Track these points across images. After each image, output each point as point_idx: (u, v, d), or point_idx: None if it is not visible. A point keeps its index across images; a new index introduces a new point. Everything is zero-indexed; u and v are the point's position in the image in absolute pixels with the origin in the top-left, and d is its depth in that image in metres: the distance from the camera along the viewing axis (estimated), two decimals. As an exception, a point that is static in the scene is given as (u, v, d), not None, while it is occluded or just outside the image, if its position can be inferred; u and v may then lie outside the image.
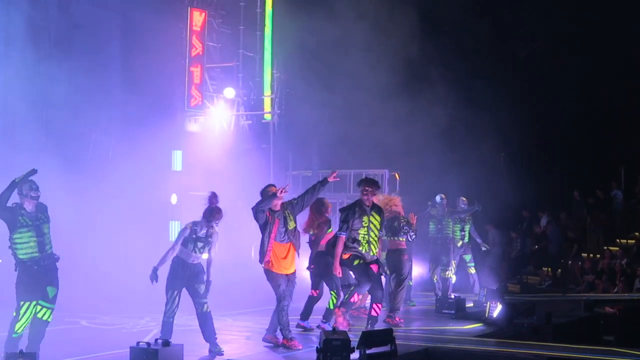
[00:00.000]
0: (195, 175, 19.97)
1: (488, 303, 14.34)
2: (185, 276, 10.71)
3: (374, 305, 12.02)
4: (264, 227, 11.09)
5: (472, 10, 25.12)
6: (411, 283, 16.16)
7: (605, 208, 24.41)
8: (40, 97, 19.14)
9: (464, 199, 17.50)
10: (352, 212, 11.86)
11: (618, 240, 23.64)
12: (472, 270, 17.74)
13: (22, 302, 9.77)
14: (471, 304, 15.53)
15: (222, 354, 10.50)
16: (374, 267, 11.88)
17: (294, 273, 11.36)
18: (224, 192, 12.93)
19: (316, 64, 22.37)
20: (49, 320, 9.95)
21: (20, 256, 9.78)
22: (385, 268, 13.51)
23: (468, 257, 17.58)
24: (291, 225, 11.24)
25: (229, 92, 22.53)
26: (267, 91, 23.44)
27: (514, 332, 13.24)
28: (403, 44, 22.18)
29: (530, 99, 26.27)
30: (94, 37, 19.61)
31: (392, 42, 21.95)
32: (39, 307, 9.86)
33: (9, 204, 9.81)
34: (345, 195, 21.99)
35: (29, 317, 9.79)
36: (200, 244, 10.74)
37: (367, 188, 11.97)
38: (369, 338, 10.25)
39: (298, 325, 12.68)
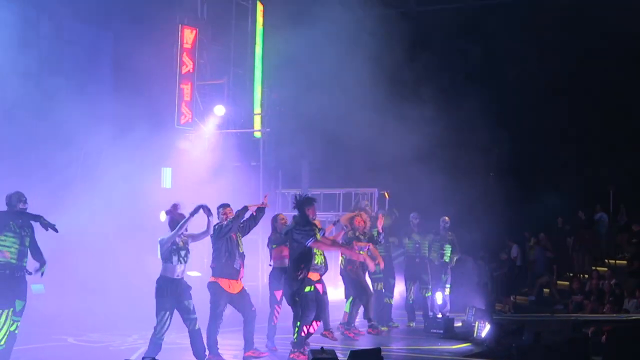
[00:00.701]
0: (184, 192, 19.88)
1: (476, 323, 14.35)
2: (173, 294, 10.69)
3: (313, 323, 12.00)
4: (227, 245, 11.59)
5: (463, 31, 25.22)
6: (391, 302, 16.16)
7: (589, 229, 24.42)
8: (30, 113, 19.12)
9: (447, 218, 17.47)
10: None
11: (607, 261, 23.68)
12: (447, 292, 17.68)
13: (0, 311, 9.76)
14: (460, 324, 15.52)
15: None
16: (319, 287, 12.15)
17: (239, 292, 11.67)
18: (214, 209, 12.91)
19: (306, 81, 22.39)
20: (17, 332, 9.97)
21: None
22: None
23: (445, 278, 17.50)
24: (241, 248, 11.83)
25: (219, 110, 22.52)
26: (257, 109, 23.45)
27: (503, 352, 13.23)
28: (394, 63, 22.25)
29: (519, 118, 26.33)
30: (85, 54, 19.61)
31: (383, 61, 22.00)
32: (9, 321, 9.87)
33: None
34: (335, 213, 21.96)
35: (8, 326, 9.76)
36: (182, 252, 10.85)
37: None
38: (357, 357, 10.21)
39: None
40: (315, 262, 12.11)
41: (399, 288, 17.01)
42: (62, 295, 13.17)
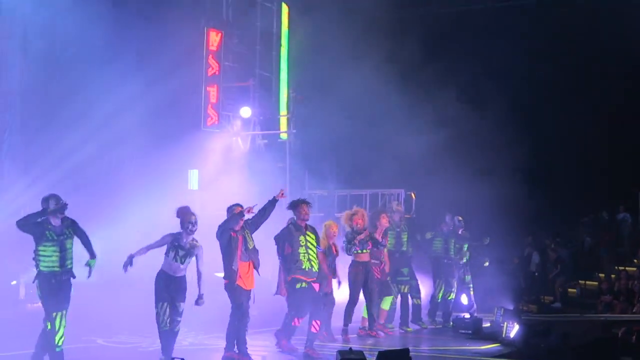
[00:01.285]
0: (211, 194, 19.98)
1: (505, 323, 14.28)
2: (170, 289, 10.86)
3: (313, 322, 12.22)
4: (227, 246, 11.38)
5: (488, 29, 25.11)
6: (419, 302, 16.11)
7: (612, 230, 24.22)
8: (57, 117, 19.29)
9: (460, 218, 17.32)
10: (288, 234, 12.27)
11: (635, 261, 23.48)
12: (471, 292, 17.57)
13: (54, 313, 9.99)
14: (488, 324, 15.45)
15: None
16: (316, 286, 12.28)
17: (252, 290, 11.69)
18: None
19: (332, 82, 22.41)
20: None
21: (42, 268, 10.10)
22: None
23: (468, 278, 17.41)
24: (250, 244, 11.65)
25: (245, 112, 22.57)
26: (283, 110, 23.48)
27: (531, 353, 13.16)
28: (418, 62, 22.21)
29: (547, 116, 26.18)
30: (112, 56, 19.72)
31: (408, 60, 21.97)
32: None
33: (38, 219, 10.18)
34: (362, 214, 21.92)
35: (64, 327, 9.93)
36: (181, 252, 10.93)
37: (310, 206, 12.62)
38: (385, 358, 10.19)
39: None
40: (303, 267, 12.14)
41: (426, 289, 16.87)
42: (91, 296, 13.23)
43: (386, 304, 14.92)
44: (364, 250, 14.18)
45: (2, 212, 17.85)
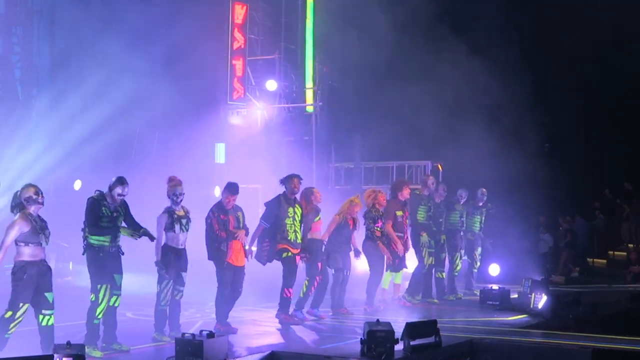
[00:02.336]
0: (238, 167, 20.05)
1: (533, 294, 14.23)
2: (176, 263, 11.05)
3: (286, 290, 12.47)
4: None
5: (518, 2, 24.85)
6: (443, 275, 16.11)
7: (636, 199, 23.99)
8: (84, 92, 19.38)
9: (484, 190, 17.21)
10: (277, 204, 12.42)
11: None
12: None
13: (99, 286, 10.14)
14: (515, 295, 15.41)
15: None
16: (297, 259, 12.53)
17: (243, 266, 11.84)
18: (267, 184, 13.07)
19: (357, 55, 22.32)
20: (117, 305, 10.35)
21: (91, 241, 10.18)
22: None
23: (479, 250, 17.36)
24: (242, 224, 11.85)
25: (271, 85, 22.57)
26: (309, 83, 23.46)
27: (560, 324, 13.13)
28: (445, 34, 22.07)
29: (574, 89, 25.94)
30: (137, 32, 19.76)
31: (434, 31, 21.84)
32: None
33: (94, 194, 10.34)
34: (388, 186, 21.94)
35: (107, 300, 10.13)
36: (184, 221, 11.16)
37: (301, 181, 12.66)
38: (414, 329, 10.22)
39: (309, 313, 12.87)
40: (289, 237, 12.33)
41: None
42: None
43: (398, 278, 14.90)
44: (380, 228, 14.21)
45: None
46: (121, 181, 10.36)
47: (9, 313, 9.44)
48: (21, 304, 9.41)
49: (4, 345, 9.35)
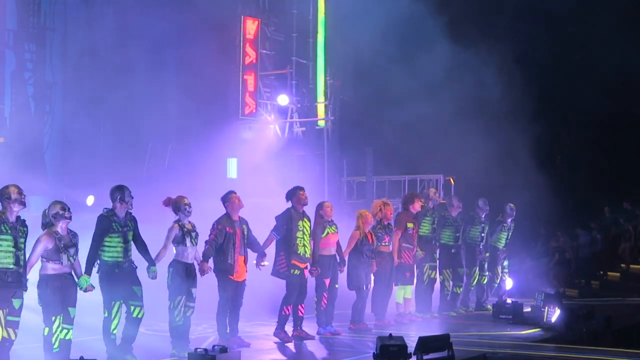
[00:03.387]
0: (250, 182, 20.05)
1: (546, 308, 14.20)
2: (186, 279, 11.04)
3: (299, 307, 12.58)
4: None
5: (525, 13, 24.87)
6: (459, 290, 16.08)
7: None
8: (97, 108, 19.46)
9: (512, 205, 17.17)
10: (288, 217, 12.48)
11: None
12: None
13: (113, 302, 10.24)
14: (529, 309, 15.38)
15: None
16: (306, 272, 12.59)
17: (245, 280, 11.94)
18: (278, 198, 13.07)
19: (369, 69, 22.34)
20: (142, 317, 10.44)
21: (105, 258, 10.27)
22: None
23: (506, 263, 17.31)
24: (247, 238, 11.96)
25: (283, 100, 22.61)
26: (321, 98, 23.48)
27: (573, 337, 13.08)
28: (457, 47, 22.07)
29: (587, 100, 25.89)
30: (150, 46, 19.84)
31: (446, 45, 21.84)
32: (132, 307, 10.36)
33: (102, 211, 10.41)
34: (400, 200, 21.92)
35: (120, 315, 10.24)
36: (193, 234, 11.23)
37: (304, 194, 12.76)
38: (426, 343, 10.19)
39: (319, 333, 12.87)
40: (298, 252, 12.29)
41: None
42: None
43: (408, 292, 14.89)
44: (387, 244, 14.18)
45: (40, 204, 18.08)
46: (119, 187, 10.43)
47: (47, 330, 9.55)
48: (54, 318, 9.51)
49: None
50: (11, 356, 9.22)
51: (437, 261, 15.72)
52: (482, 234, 16.57)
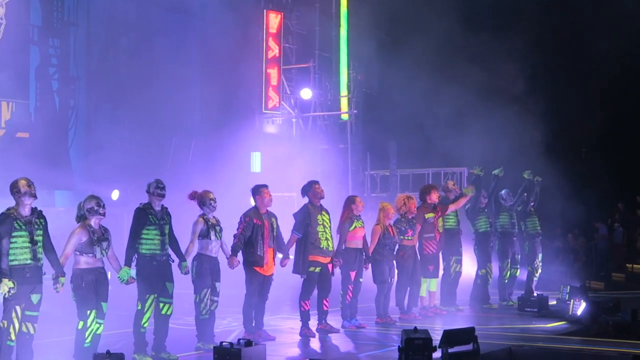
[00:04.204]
0: (274, 176, 20.07)
1: (572, 301, 14.11)
2: (211, 272, 11.06)
3: (324, 301, 12.45)
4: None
5: (552, 7, 24.69)
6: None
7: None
8: (121, 102, 19.54)
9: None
10: (306, 213, 12.34)
11: None
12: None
13: (147, 295, 10.27)
14: (554, 302, 15.28)
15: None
16: (330, 267, 12.44)
17: (272, 275, 11.91)
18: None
19: (392, 62, 22.31)
20: (170, 314, 10.46)
21: (143, 251, 10.29)
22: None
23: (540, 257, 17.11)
24: (275, 231, 11.92)
25: (306, 93, 22.63)
26: (344, 91, 23.49)
27: (599, 330, 12.99)
28: (482, 41, 21.98)
29: (610, 94, 25.73)
30: (173, 42, 19.91)
31: (471, 38, 21.77)
32: (161, 304, 10.37)
33: (139, 205, 10.47)
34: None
35: (152, 310, 10.29)
36: (217, 228, 11.20)
37: (319, 188, 12.57)
38: (451, 337, 10.15)
39: (343, 326, 12.85)
40: (321, 246, 12.26)
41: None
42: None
43: (433, 285, 14.84)
44: (411, 237, 14.14)
45: (66, 199, 18.23)
46: (155, 181, 10.54)
47: (81, 323, 9.59)
48: (88, 312, 9.56)
49: (85, 355, 9.48)
50: (35, 350, 9.26)
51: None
52: (513, 221, 16.41)
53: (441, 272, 15.14)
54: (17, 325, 8.97)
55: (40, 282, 9.16)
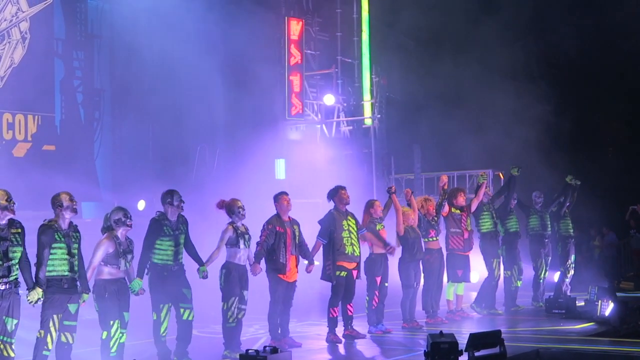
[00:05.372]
0: (298, 183, 20.12)
1: (599, 301, 14.04)
2: (239, 280, 11.12)
3: (348, 306, 12.46)
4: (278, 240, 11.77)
5: (576, 8, 24.55)
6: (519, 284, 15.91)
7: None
8: (144, 111, 19.67)
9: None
10: (331, 219, 12.37)
11: None
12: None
13: (161, 305, 10.39)
14: (582, 303, 15.21)
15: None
16: (354, 273, 12.44)
17: (295, 282, 11.97)
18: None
19: (415, 66, 22.30)
20: (192, 319, 10.53)
21: (155, 260, 10.41)
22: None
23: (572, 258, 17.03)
24: (298, 239, 11.98)
25: (329, 99, 22.67)
26: (367, 96, 23.49)
27: (628, 331, 12.92)
28: (505, 43, 21.93)
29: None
30: (195, 50, 20.01)
31: (493, 41, 21.72)
32: (181, 310, 10.48)
33: (155, 215, 10.57)
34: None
35: (169, 318, 10.40)
36: (247, 237, 11.28)
37: (345, 194, 12.58)
38: (478, 340, 10.15)
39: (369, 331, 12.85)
40: (346, 252, 12.25)
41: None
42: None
43: (460, 289, 14.84)
44: (435, 238, 14.13)
45: (93, 210, 18.34)
46: (169, 192, 10.58)
47: (105, 334, 9.71)
48: (111, 322, 9.67)
49: None
50: None
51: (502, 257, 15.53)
52: (544, 222, 16.37)
53: (477, 275, 15.14)
54: (54, 335, 9.11)
55: (77, 293, 9.28)
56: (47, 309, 9.04)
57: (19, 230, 8.93)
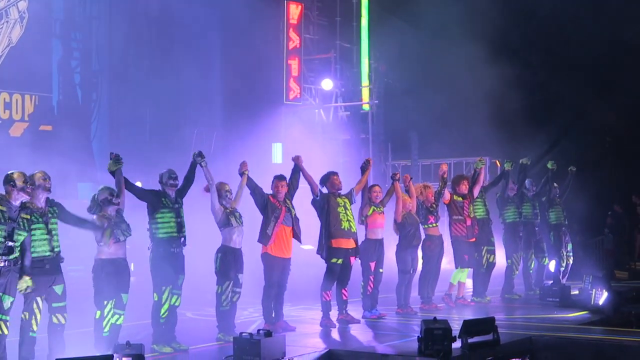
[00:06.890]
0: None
1: (593, 290, 14.06)
2: (234, 264, 11.11)
3: (343, 291, 12.47)
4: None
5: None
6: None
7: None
8: (142, 94, 19.64)
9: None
10: (325, 198, 12.44)
11: None
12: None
13: (163, 287, 10.37)
14: (576, 292, 15.24)
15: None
16: (352, 260, 12.44)
17: (289, 259, 11.91)
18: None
19: (413, 52, 22.25)
20: (178, 305, 10.55)
21: (160, 235, 10.39)
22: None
23: (569, 247, 17.07)
24: (292, 212, 11.96)
25: (327, 84, 22.64)
26: (365, 81, 23.47)
27: (621, 320, 12.95)
28: (503, 30, 21.87)
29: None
30: (194, 33, 19.97)
31: (492, 28, 21.66)
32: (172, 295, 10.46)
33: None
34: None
35: (170, 301, 10.39)
36: (237, 213, 11.28)
37: (338, 179, 12.68)
38: (471, 326, 10.18)
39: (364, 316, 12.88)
40: (342, 227, 12.25)
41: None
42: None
43: (464, 276, 14.86)
44: (434, 224, 14.14)
45: (89, 191, 18.31)
46: (167, 171, 10.63)
47: (98, 313, 9.71)
48: (105, 302, 9.66)
49: (105, 345, 9.57)
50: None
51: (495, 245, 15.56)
52: (536, 211, 16.40)
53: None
54: (38, 317, 9.06)
55: (60, 273, 9.23)
56: (30, 291, 8.99)
57: (28, 217, 8.86)
